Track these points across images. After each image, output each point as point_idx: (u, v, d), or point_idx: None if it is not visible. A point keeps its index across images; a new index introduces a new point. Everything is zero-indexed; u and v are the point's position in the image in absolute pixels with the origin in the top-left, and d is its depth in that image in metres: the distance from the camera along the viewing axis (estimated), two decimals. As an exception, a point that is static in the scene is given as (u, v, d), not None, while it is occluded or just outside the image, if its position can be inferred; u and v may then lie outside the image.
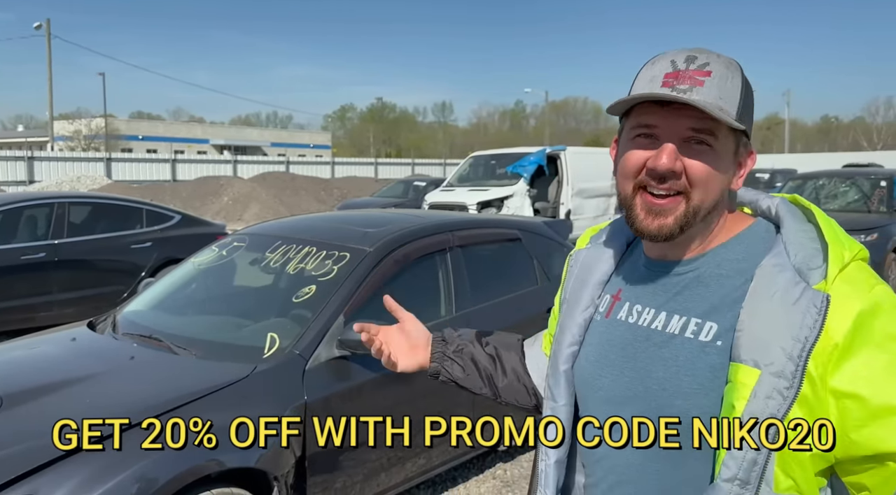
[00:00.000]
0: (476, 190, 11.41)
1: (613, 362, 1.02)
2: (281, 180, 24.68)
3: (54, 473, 2.10)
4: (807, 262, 0.88)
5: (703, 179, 0.92)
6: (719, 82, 0.91)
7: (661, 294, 1.00)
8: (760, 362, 0.84)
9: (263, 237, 3.66)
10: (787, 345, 0.83)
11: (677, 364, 0.93)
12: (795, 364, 0.83)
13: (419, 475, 3.27)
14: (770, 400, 0.83)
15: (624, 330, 1.02)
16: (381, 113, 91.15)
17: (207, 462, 2.32)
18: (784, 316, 0.85)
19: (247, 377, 2.63)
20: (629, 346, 1.00)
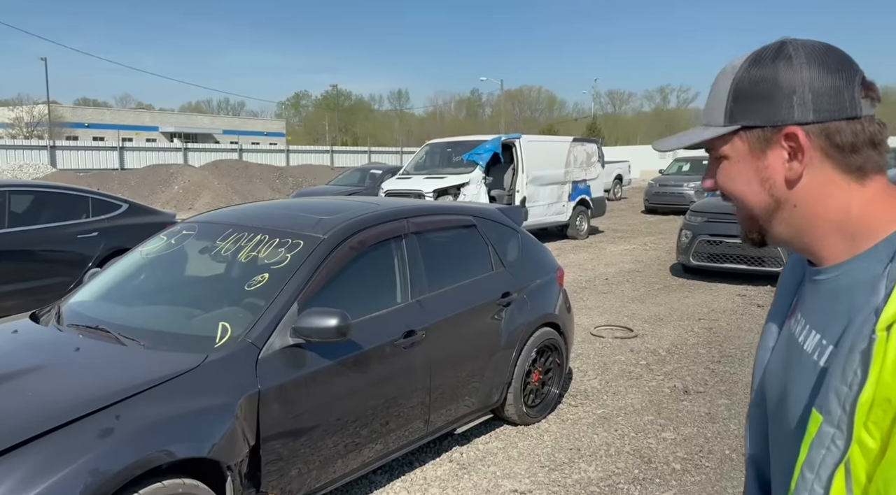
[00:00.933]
0: (432, 178, 11.42)
1: (775, 371, 0.99)
2: (234, 168, 24.19)
3: (-2, 469, 2.04)
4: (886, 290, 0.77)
5: (727, 187, 0.94)
6: (709, 101, 0.94)
7: (810, 306, 0.93)
8: (823, 408, 0.78)
9: (214, 225, 3.60)
10: (841, 391, 0.76)
11: (800, 385, 0.88)
12: (847, 412, 0.75)
13: (376, 460, 3.30)
14: (827, 450, 0.78)
15: (787, 340, 0.97)
16: (337, 100, 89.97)
17: (157, 453, 2.29)
18: (846, 358, 0.76)
19: (198, 367, 2.60)
20: (784, 358, 0.96)
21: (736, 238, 8.30)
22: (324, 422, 2.95)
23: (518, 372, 4.11)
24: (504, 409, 4.15)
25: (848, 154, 0.85)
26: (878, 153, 0.86)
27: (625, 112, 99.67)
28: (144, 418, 2.34)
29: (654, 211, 18.32)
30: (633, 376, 5.20)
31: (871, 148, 0.85)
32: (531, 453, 3.91)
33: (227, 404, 2.58)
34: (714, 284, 8.59)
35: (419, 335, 3.42)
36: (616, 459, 3.81)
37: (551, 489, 3.49)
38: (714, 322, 6.77)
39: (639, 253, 11.47)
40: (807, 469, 0.79)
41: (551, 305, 4.41)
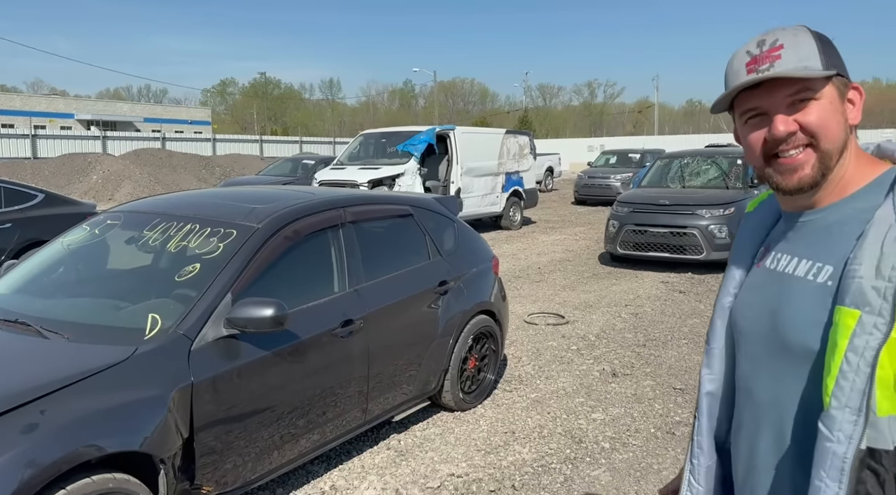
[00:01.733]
0: (367, 168, 11.34)
1: (752, 303, 1.15)
2: (157, 157, 23.26)
3: None
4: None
5: (818, 125, 1.02)
6: (793, 49, 1.02)
7: (795, 241, 1.11)
8: (861, 303, 0.93)
9: (140, 214, 3.48)
10: (880, 286, 0.92)
11: (797, 303, 1.05)
12: (890, 302, 0.91)
13: (313, 450, 3.28)
14: (869, 336, 0.92)
15: (765, 276, 1.15)
16: (265, 88, 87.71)
17: (85, 447, 2.21)
18: (879, 260, 0.93)
19: (127, 359, 2.52)
20: (766, 289, 1.13)
21: (659, 227, 8.67)
22: (259, 414, 2.92)
23: (455, 359, 4.17)
24: (441, 396, 4.20)
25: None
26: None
27: (554, 105, 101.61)
28: (71, 412, 2.26)
29: (584, 202, 18.83)
30: (565, 361, 5.37)
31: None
32: (468, 438, 3.99)
33: (159, 396, 2.51)
34: (639, 272, 8.93)
35: (357, 324, 3.42)
36: (549, 440, 3.94)
37: (487, 471, 3.58)
38: (640, 308, 7.05)
39: (569, 242, 11.78)
40: (851, 354, 0.92)
41: (487, 293, 4.49)
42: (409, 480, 3.49)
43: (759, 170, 1.10)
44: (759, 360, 1.11)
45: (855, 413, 0.92)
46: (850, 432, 0.92)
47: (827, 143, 1.02)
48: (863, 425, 0.92)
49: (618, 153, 20.75)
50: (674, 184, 9.75)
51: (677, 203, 8.70)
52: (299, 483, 3.47)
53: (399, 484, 3.44)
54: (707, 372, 1.26)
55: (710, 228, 8.33)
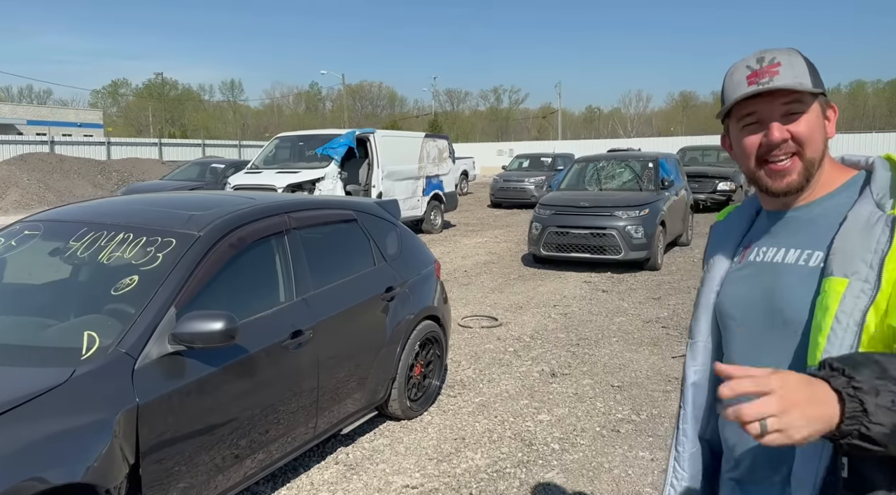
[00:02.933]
0: (285, 172, 10.99)
1: (746, 291, 1.27)
2: (46, 162, 21.57)
3: None
4: (884, 198, 1.14)
5: (807, 135, 1.17)
6: (789, 68, 1.16)
7: (781, 236, 1.25)
8: (849, 272, 1.08)
9: (63, 223, 3.18)
10: (867, 257, 1.08)
11: (794, 284, 1.17)
12: (875, 270, 1.07)
13: (263, 469, 3.11)
14: (857, 299, 1.07)
15: (752, 268, 1.28)
16: (162, 90, 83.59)
17: (27, 481, 1.98)
18: (865, 237, 1.10)
19: (65, 382, 2.28)
20: (756, 278, 1.25)
21: (580, 228, 8.93)
22: (209, 434, 2.73)
23: (402, 366, 4.09)
24: (388, 405, 4.11)
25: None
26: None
27: (462, 110, 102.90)
28: (8, 443, 2.01)
29: (500, 205, 19.14)
30: (504, 363, 5.40)
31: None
32: (417, 446, 3.91)
33: (103, 421, 2.29)
34: (562, 272, 9.15)
35: (307, 334, 3.27)
36: (499, 445, 3.93)
37: (442, 480, 3.52)
38: (567, 307, 7.22)
39: (491, 245, 11.92)
40: (842, 314, 1.07)
41: (431, 298, 4.44)
42: (363, 494, 3.38)
43: (751, 174, 1.23)
44: (758, 341, 1.23)
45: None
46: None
47: (811, 153, 1.17)
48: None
49: (530, 157, 21.25)
50: (591, 186, 10.07)
51: (596, 205, 8.99)
52: (247, 505, 3.27)
53: (354, 499, 3.32)
54: (692, 365, 1.38)
55: (627, 229, 8.66)
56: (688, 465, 1.39)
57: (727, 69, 1.23)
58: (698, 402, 1.37)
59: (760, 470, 1.22)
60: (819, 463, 1.05)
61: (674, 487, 1.40)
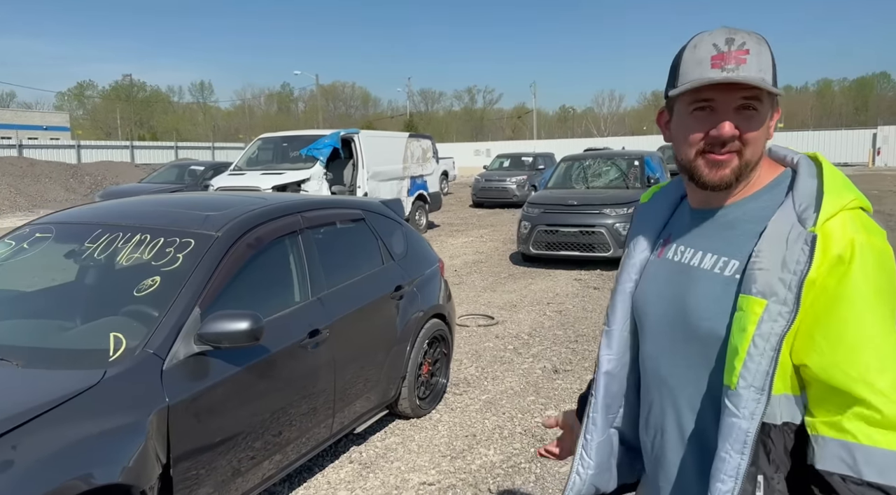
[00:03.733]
0: (270, 173, 10.89)
1: (659, 292, 1.24)
2: (16, 166, 21.07)
3: None
4: (806, 210, 1.05)
5: (754, 139, 1.10)
6: (757, 58, 1.06)
7: (699, 236, 1.20)
8: (767, 293, 1.02)
9: (76, 226, 3.13)
10: (785, 277, 1.02)
11: (706, 293, 1.13)
12: (794, 293, 1.01)
13: (284, 468, 3.10)
14: (775, 323, 1.02)
15: (669, 266, 1.24)
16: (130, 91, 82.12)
17: (72, 480, 1.96)
18: (784, 255, 1.03)
19: (98, 384, 2.25)
20: (672, 279, 1.22)
21: (569, 227, 9.01)
22: (235, 433, 2.72)
23: (412, 365, 4.10)
24: (398, 404, 4.11)
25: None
26: None
27: (436, 110, 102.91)
28: (48, 445, 1.99)
29: (481, 204, 19.20)
30: (505, 361, 5.43)
31: None
32: (430, 444, 3.93)
33: (138, 422, 2.27)
34: (552, 271, 9.23)
35: (323, 334, 3.27)
36: (511, 441, 3.96)
37: (458, 477, 3.54)
38: (561, 305, 7.28)
39: (478, 244, 11.97)
40: (758, 338, 1.02)
41: (438, 297, 4.45)
42: (380, 492, 3.39)
43: (687, 161, 1.15)
44: (666, 345, 1.20)
45: (759, 392, 1.02)
46: (753, 409, 1.02)
47: (750, 154, 1.11)
48: (765, 403, 1.02)
49: (511, 157, 21.36)
50: (578, 185, 10.17)
51: (584, 203, 9.09)
52: (266, 506, 3.26)
53: (373, 498, 3.32)
54: (606, 353, 1.34)
55: (616, 226, 8.77)
56: (594, 454, 1.36)
57: (690, 39, 1.12)
58: (611, 391, 1.34)
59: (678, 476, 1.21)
60: (736, 483, 1.04)
61: (579, 475, 1.37)
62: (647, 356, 1.25)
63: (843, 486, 0.96)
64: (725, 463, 1.04)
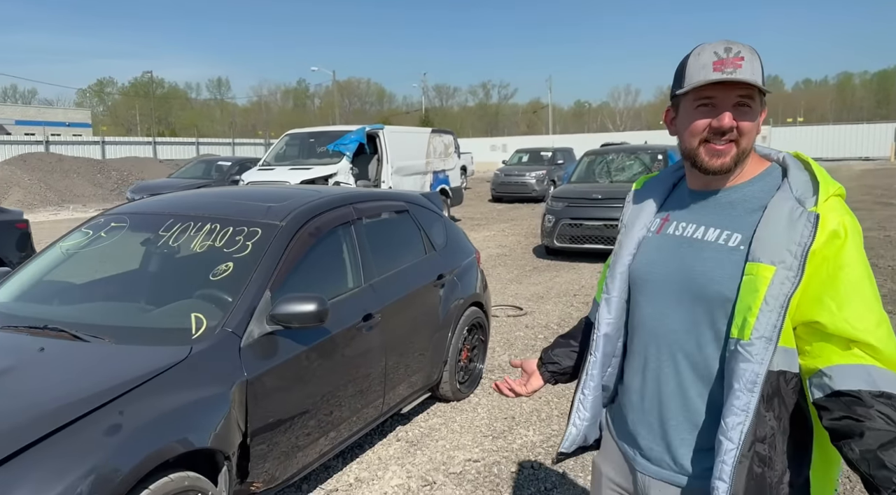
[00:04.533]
0: (298, 168, 11.15)
1: (663, 260, 1.42)
2: (45, 162, 21.54)
3: (6, 474, 1.84)
4: (804, 195, 1.29)
5: (748, 130, 1.32)
6: (750, 64, 1.28)
7: (700, 214, 1.40)
8: (776, 261, 1.24)
9: (149, 216, 3.36)
10: (792, 248, 1.24)
11: (712, 260, 1.34)
12: (799, 260, 1.23)
13: (342, 443, 3.32)
14: (783, 285, 1.23)
15: (671, 239, 1.43)
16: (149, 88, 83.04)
17: (170, 444, 2.19)
18: (790, 229, 1.25)
19: (186, 358, 2.48)
20: (676, 249, 1.41)
21: (594, 220, 9.17)
22: (301, 408, 2.93)
23: (453, 350, 4.30)
24: (440, 387, 4.32)
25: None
26: None
27: (451, 106, 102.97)
28: (148, 412, 2.22)
29: (500, 199, 19.36)
30: (537, 349, 5.62)
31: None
32: (471, 425, 4.13)
33: (222, 394, 2.50)
34: (576, 264, 9.39)
35: (376, 318, 3.48)
36: (549, 423, 4.15)
37: (501, 454, 3.74)
38: (587, 296, 7.45)
39: (500, 238, 12.15)
40: (770, 298, 1.23)
41: (476, 286, 4.65)
42: (429, 467, 3.59)
43: (691, 150, 1.36)
44: (670, 306, 1.40)
45: (768, 341, 1.24)
46: (763, 356, 1.24)
47: (745, 143, 1.32)
48: (772, 351, 1.24)
49: (530, 151, 21.50)
50: (602, 179, 10.31)
51: (609, 196, 9.23)
52: (322, 478, 3.48)
53: (422, 472, 3.53)
54: (606, 316, 1.54)
55: (641, 220, 8.89)
56: (590, 406, 1.58)
57: (693, 48, 1.34)
58: (607, 351, 1.55)
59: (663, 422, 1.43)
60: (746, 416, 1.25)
61: (576, 426, 1.60)
62: (648, 316, 1.44)
63: (868, 397, 1.19)
64: (739, 399, 1.25)
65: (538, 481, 3.45)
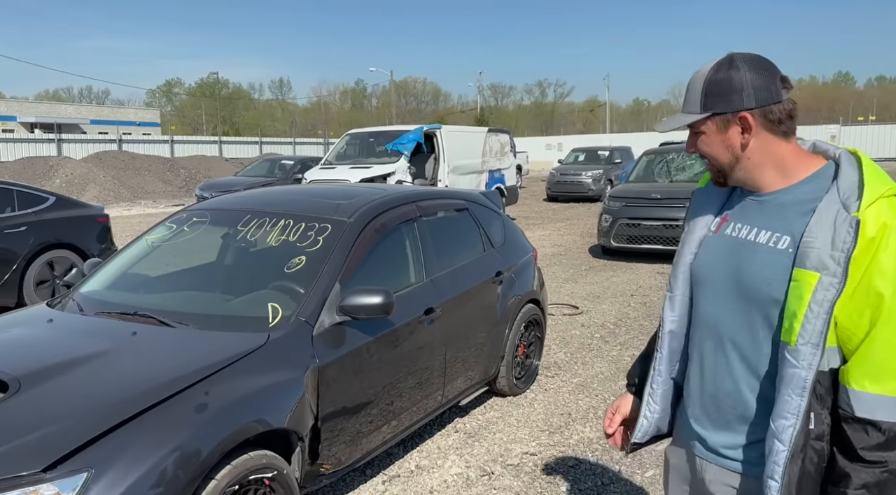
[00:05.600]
0: (357, 167, 11.43)
1: (720, 259, 1.47)
2: (119, 160, 22.66)
3: (107, 446, 2.04)
4: (850, 198, 1.29)
5: (704, 151, 1.45)
6: (687, 97, 1.42)
7: (754, 215, 1.44)
8: (819, 268, 1.26)
9: (228, 212, 3.58)
10: (835, 255, 1.25)
11: (762, 262, 1.37)
12: (842, 267, 1.25)
13: (403, 431, 3.45)
14: (827, 291, 1.25)
15: (728, 240, 1.48)
16: (214, 89, 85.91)
17: (250, 423, 2.36)
18: (834, 235, 1.26)
19: (264, 345, 2.66)
20: (731, 249, 1.45)
21: (653, 220, 9.07)
22: (367, 395, 3.08)
23: (510, 346, 4.39)
24: (497, 382, 4.41)
25: (776, 124, 1.37)
26: (793, 122, 1.39)
27: (506, 105, 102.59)
28: (231, 393, 2.40)
29: (556, 199, 19.28)
30: (593, 348, 5.65)
31: (789, 119, 1.38)
32: (528, 420, 4.21)
33: (297, 378, 2.66)
34: (633, 264, 9.32)
35: (437, 312, 3.60)
36: (605, 419, 4.19)
37: (558, 449, 3.80)
38: (645, 297, 7.40)
39: (555, 237, 12.13)
40: (814, 304, 1.26)
41: (533, 283, 4.72)
42: (487, 458, 3.69)
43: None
44: (726, 306, 1.44)
45: (815, 347, 1.26)
46: (810, 361, 1.27)
47: (715, 162, 1.44)
48: (819, 356, 1.27)
49: (587, 151, 21.31)
50: (661, 178, 10.18)
51: (668, 196, 9.11)
52: (385, 464, 3.63)
53: (480, 462, 3.64)
54: (670, 315, 1.60)
55: (701, 221, 8.74)
56: (659, 400, 1.64)
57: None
58: (673, 347, 1.61)
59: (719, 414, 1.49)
60: (797, 419, 1.29)
61: (647, 418, 1.66)
62: (708, 314, 1.48)
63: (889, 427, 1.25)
64: (788, 404, 1.29)
65: (595, 476, 3.50)
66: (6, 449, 1.99)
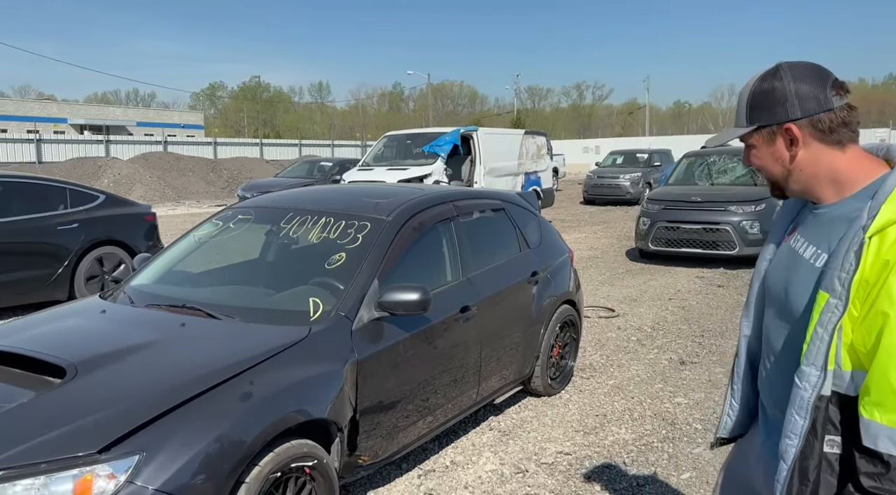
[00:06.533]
0: (395, 169, 11.54)
1: (778, 270, 1.50)
2: (164, 161, 23.31)
3: (157, 431, 2.13)
4: (871, 214, 1.22)
5: (756, 165, 1.45)
6: (737, 110, 1.43)
7: (809, 229, 1.43)
8: (829, 288, 1.24)
9: (271, 209, 3.68)
10: (841, 276, 1.22)
11: (800, 278, 1.38)
12: (845, 289, 1.22)
13: (438, 427, 3.50)
14: (831, 314, 1.24)
15: (789, 252, 1.48)
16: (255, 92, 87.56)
17: (292, 413, 2.44)
18: (845, 255, 1.23)
19: (305, 338, 2.74)
20: (787, 262, 1.47)
21: (692, 224, 8.95)
22: (403, 390, 3.13)
23: (545, 346, 4.40)
24: (531, 381, 4.42)
25: (828, 134, 1.32)
26: (850, 130, 1.32)
27: (542, 107, 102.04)
28: (275, 383, 2.48)
29: (592, 202, 19.13)
30: (629, 351, 5.61)
31: (844, 127, 1.31)
32: (562, 420, 4.21)
33: (336, 370, 2.73)
34: (671, 268, 9.20)
35: (472, 310, 3.63)
36: (642, 422, 4.17)
37: (593, 450, 3.80)
38: (684, 301, 7.31)
39: (592, 240, 12.05)
40: (819, 326, 1.25)
41: (568, 284, 4.73)
42: (522, 456, 3.71)
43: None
44: (776, 319, 1.46)
45: (818, 369, 1.26)
46: (813, 382, 1.27)
47: (768, 175, 1.44)
48: (823, 378, 1.26)
49: (625, 153, 21.10)
50: (701, 181, 10.03)
51: (709, 200, 8.98)
52: (420, 459, 3.68)
53: (515, 460, 3.66)
54: (745, 320, 1.65)
55: (743, 224, 8.61)
56: (739, 399, 1.68)
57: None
58: (750, 350, 1.64)
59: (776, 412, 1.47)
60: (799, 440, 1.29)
61: (729, 416, 1.71)
62: (766, 325, 1.51)
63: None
64: (791, 423, 1.31)
65: (630, 477, 3.49)
66: (64, 431, 2.10)
